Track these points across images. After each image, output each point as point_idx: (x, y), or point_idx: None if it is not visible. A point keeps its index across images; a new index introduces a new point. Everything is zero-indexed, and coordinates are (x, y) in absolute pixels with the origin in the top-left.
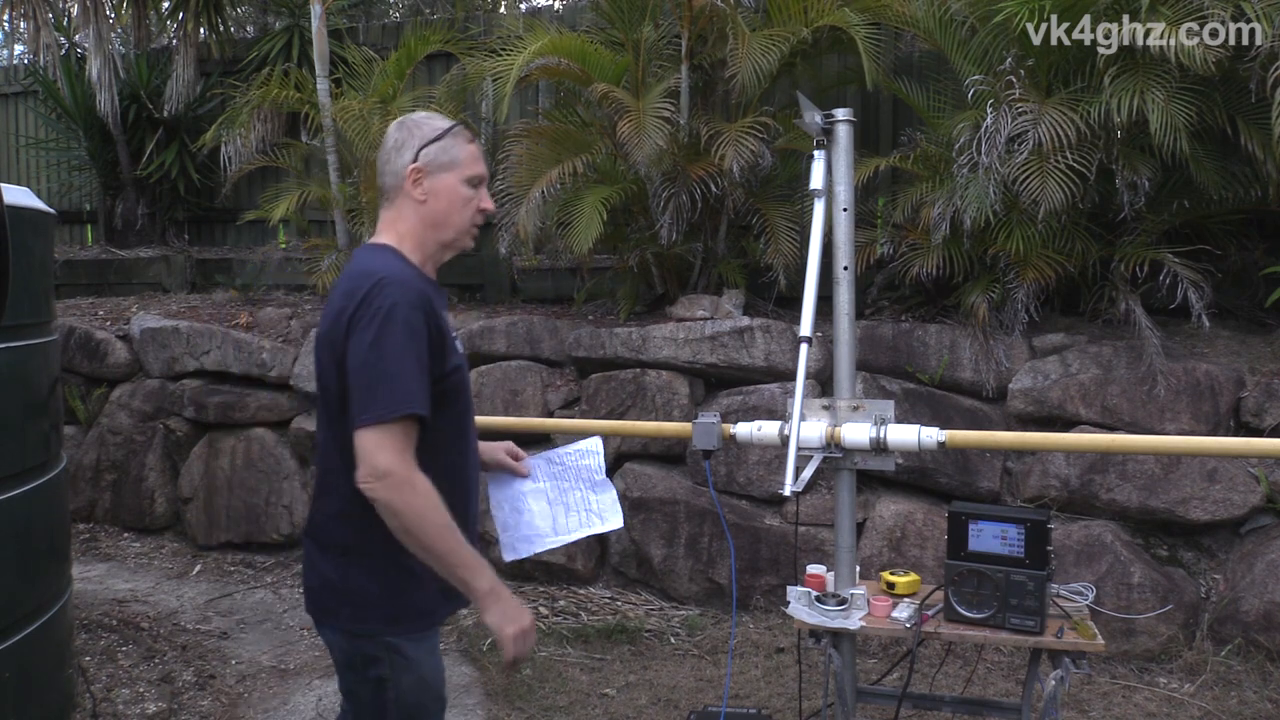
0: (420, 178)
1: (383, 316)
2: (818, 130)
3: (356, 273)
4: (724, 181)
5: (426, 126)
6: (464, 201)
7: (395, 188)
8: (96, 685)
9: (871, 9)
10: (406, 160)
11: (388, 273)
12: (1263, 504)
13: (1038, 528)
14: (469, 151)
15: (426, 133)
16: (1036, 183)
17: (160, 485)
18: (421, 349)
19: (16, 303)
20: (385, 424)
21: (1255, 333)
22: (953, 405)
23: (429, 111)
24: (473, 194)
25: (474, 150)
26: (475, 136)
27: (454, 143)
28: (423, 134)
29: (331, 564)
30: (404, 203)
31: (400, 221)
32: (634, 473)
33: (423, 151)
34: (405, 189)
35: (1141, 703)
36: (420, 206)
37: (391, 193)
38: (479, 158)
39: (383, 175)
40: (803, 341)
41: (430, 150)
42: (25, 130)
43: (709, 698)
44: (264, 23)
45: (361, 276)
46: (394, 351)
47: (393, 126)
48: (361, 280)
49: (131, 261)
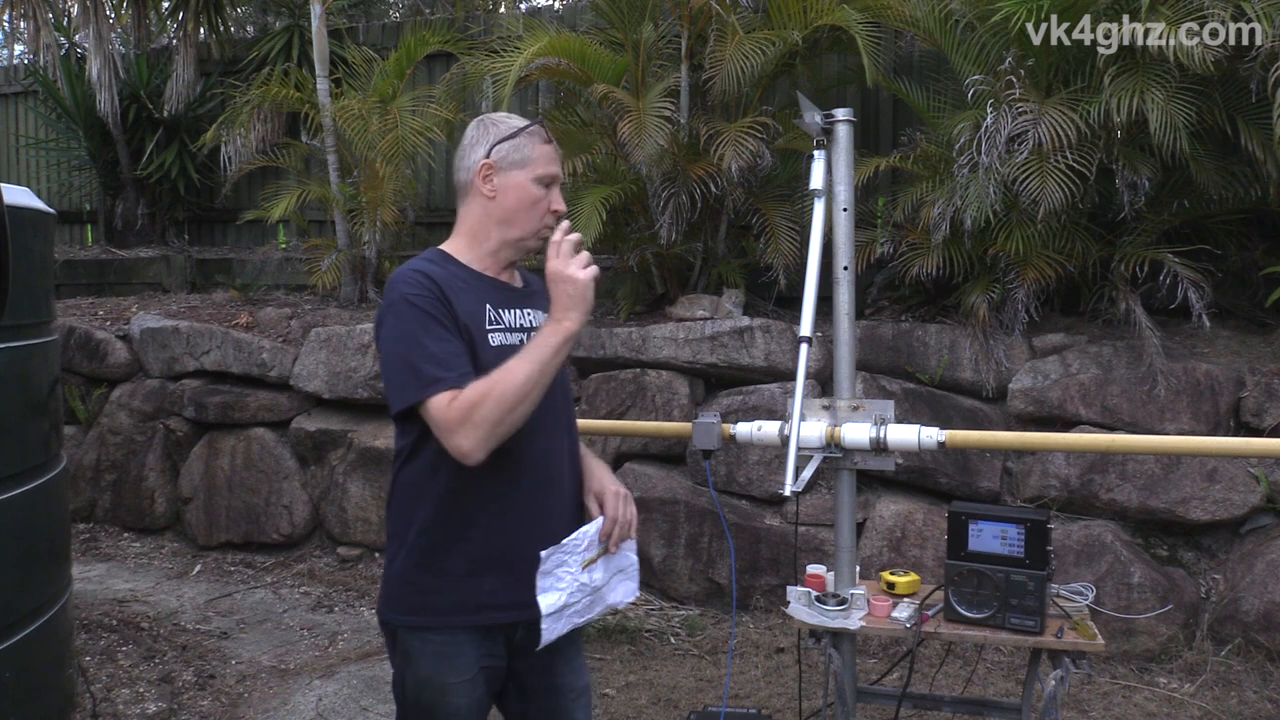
0: (490, 174)
1: (392, 309)
2: (818, 130)
3: None
4: (724, 181)
5: (503, 124)
6: (533, 201)
7: (467, 183)
8: (96, 685)
9: (871, 8)
10: (479, 156)
11: (403, 271)
12: (1263, 504)
13: (1038, 528)
14: (543, 151)
15: (502, 130)
16: (1036, 183)
17: (160, 485)
18: (441, 324)
19: (16, 303)
20: (422, 403)
21: (1255, 333)
22: (953, 405)
23: (506, 112)
24: (543, 194)
25: (549, 151)
26: (552, 138)
27: (528, 141)
28: (498, 131)
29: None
30: (473, 198)
31: (467, 217)
32: (634, 473)
33: (495, 148)
34: (475, 184)
35: (1141, 703)
36: (488, 203)
37: (464, 188)
38: (554, 158)
39: (457, 171)
40: (803, 341)
41: (503, 147)
42: (25, 130)
43: (709, 698)
44: (264, 23)
45: (389, 282)
46: (410, 336)
47: (472, 124)
48: (386, 287)
49: (131, 261)
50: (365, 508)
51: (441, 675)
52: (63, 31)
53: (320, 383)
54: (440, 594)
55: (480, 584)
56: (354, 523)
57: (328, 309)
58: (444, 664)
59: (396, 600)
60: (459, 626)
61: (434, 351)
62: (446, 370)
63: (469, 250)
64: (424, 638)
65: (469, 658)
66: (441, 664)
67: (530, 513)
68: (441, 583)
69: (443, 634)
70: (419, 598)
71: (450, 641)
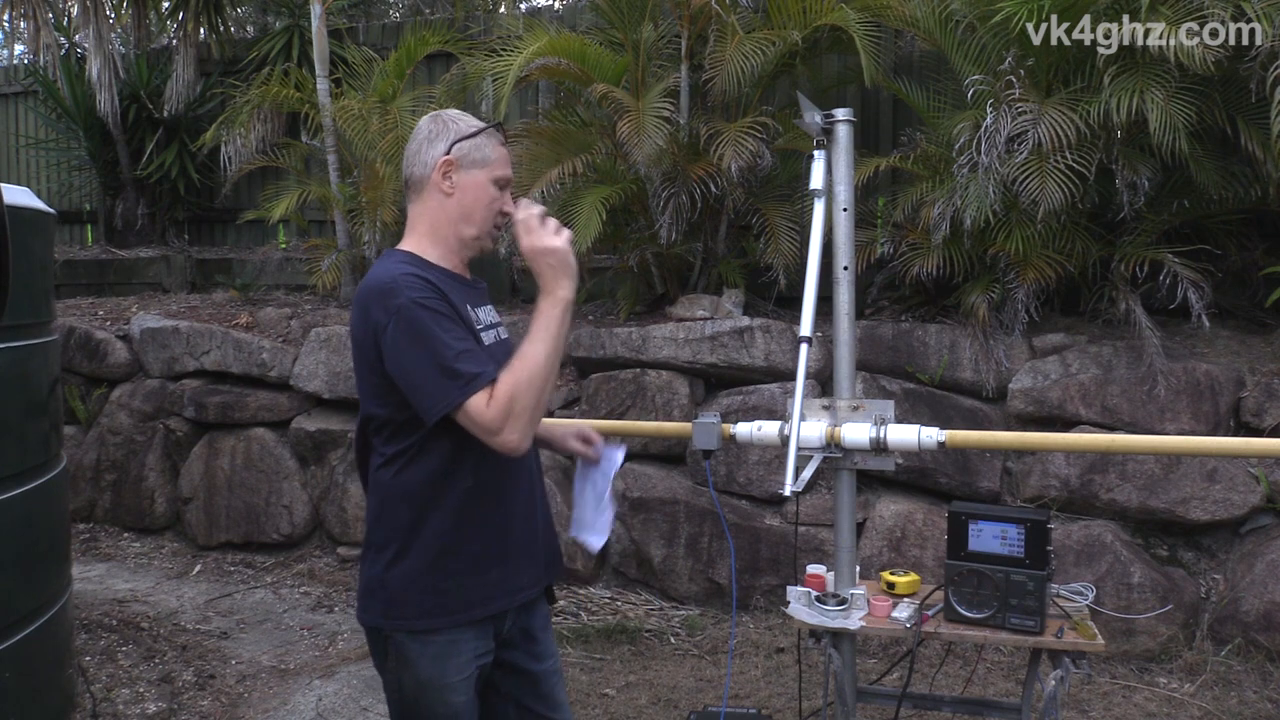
0: (450, 170)
1: (396, 317)
2: (818, 130)
3: (359, 291)
4: (723, 181)
5: (462, 122)
6: (490, 200)
7: (423, 178)
8: (96, 685)
9: (871, 8)
10: (439, 152)
11: (381, 278)
12: (1263, 504)
13: (1038, 528)
14: (500, 153)
15: (462, 128)
16: (1036, 183)
17: (160, 485)
18: (453, 321)
19: (16, 303)
20: (458, 407)
21: (1255, 333)
22: (953, 405)
23: (460, 111)
24: (498, 195)
25: (504, 153)
26: (506, 141)
27: (487, 142)
28: (458, 129)
29: (362, 559)
30: (430, 195)
31: (425, 215)
32: (634, 473)
33: (456, 146)
34: (434, 180)
35: (1141, 703)
36: (445, 199)
37: (419, 184)
38: (508, 161)
39: (411, 166)
40: (803, 341)
41: (464, 145)
42: (25, 130)
43: (709, 698)
44: (264, 23)
45: (367, 291)
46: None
47: (425, 119)
48: (367, 295)
49: (131, 261)
50: (365, 508)
51: (443, 675)
52: (63, 31)
53: (320, 383)
54: (449, 594)
55: (487, 577)
56: (354, 523)
57: (328, 309)
58: (444, 664)
59: (398, 605)
60: (464, 623)
61: (461, 350)
62: (480, 365)
63: (433, 249)
64: (425, 640)
65: (466, 655)
66: (442, 664)
67: (525, 501)
68: (452, 582)
69: (445, 634)
70: (431, 599)
71: (451, 641)
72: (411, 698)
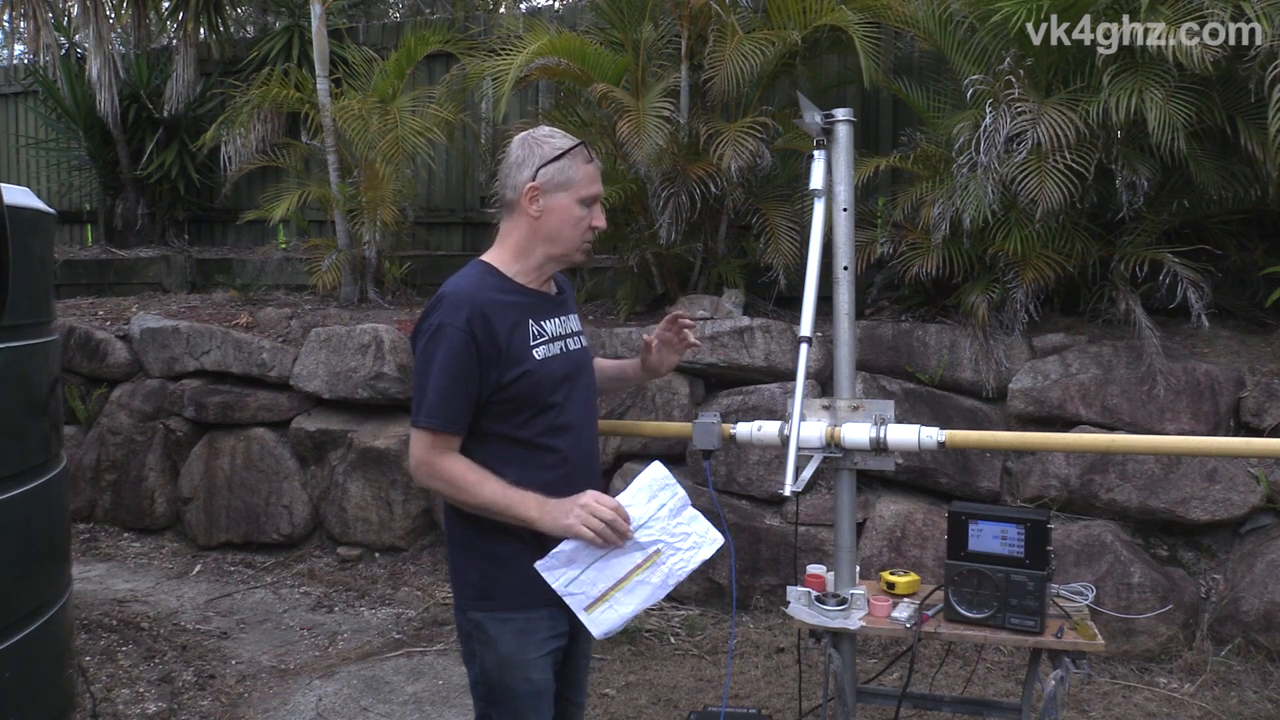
0: (536, 195)
1: (430, 334)
2: (818, 130)
3: (440, 290)
4: (723, 181)
5: (547, 145)
6: (576, 220)
7: (513, 202)
8: (96, 685)
9: (871, 9)
10: (525, 178)
11: (451, 290)
12: (1263, 504)
13: (1038, 528)
14: (586, 172)
15: (547, 151)
16: (1035, 182)
17: (160, 485)
18: (463, 366)
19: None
20: (417, 428)
21: (1255, 333)
22: (953, 405)
23: (551, 128)
24: (585, 213)
25: (591, 170)
26: (594, 156)
27: (572, 163)
28: (543, 153)
29: (448, 546)
30: (519, 216)
31: (514, 231)
32: (634, 473)
33: (541, 171)
34: (522, 204)
35: (1141, 703)
36: (534, 222)
37: (509, 206)
38: (596, 178)
39: (503, 188)
40: (803, 341)
41: (549, 170)
42: (25, 130)
43: (709, 698)
44: (264, 23)
45: (437, 294)
46: (433, 368)
47: (516, 141)
48: (434, 298)
49: (131, 261)
50: (365, 508)
51: (522, 651)
52: (63, 31)
53: (320, 383)
54: (510, 578)
55: None
56: (354, 523)
57: (328, 309)
58: (523, 639)
59: (471, 589)
60: (540, 604)
61: (444, 386)
62: (443, 413)
63: (513, 264)
64: (503, 621)
65: (543, 634)
66: (521, 640)
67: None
68: (507, 567)
69: (524, 613)
70: (492, 584)
71: (529, 619)
72: (495, 677)
